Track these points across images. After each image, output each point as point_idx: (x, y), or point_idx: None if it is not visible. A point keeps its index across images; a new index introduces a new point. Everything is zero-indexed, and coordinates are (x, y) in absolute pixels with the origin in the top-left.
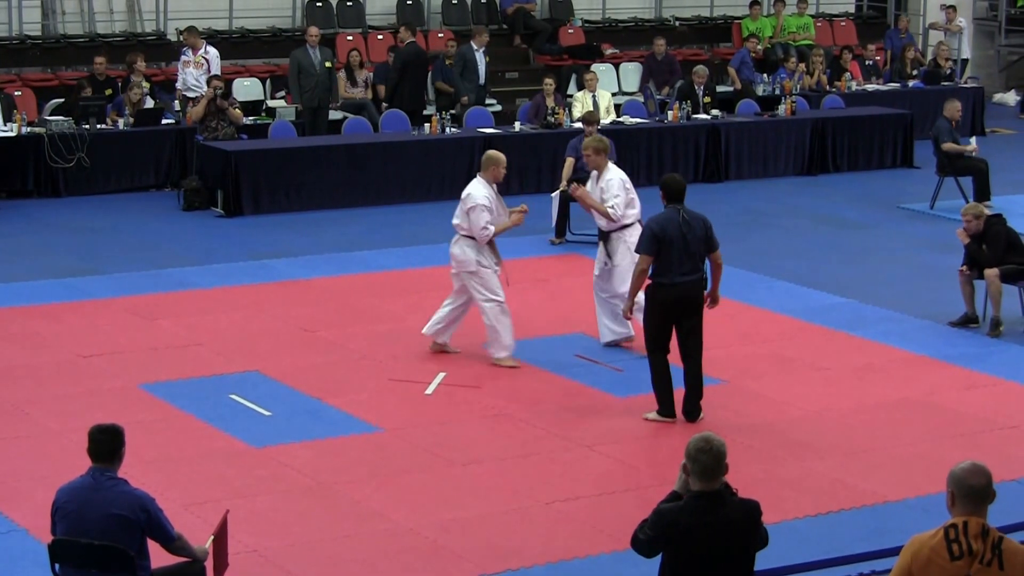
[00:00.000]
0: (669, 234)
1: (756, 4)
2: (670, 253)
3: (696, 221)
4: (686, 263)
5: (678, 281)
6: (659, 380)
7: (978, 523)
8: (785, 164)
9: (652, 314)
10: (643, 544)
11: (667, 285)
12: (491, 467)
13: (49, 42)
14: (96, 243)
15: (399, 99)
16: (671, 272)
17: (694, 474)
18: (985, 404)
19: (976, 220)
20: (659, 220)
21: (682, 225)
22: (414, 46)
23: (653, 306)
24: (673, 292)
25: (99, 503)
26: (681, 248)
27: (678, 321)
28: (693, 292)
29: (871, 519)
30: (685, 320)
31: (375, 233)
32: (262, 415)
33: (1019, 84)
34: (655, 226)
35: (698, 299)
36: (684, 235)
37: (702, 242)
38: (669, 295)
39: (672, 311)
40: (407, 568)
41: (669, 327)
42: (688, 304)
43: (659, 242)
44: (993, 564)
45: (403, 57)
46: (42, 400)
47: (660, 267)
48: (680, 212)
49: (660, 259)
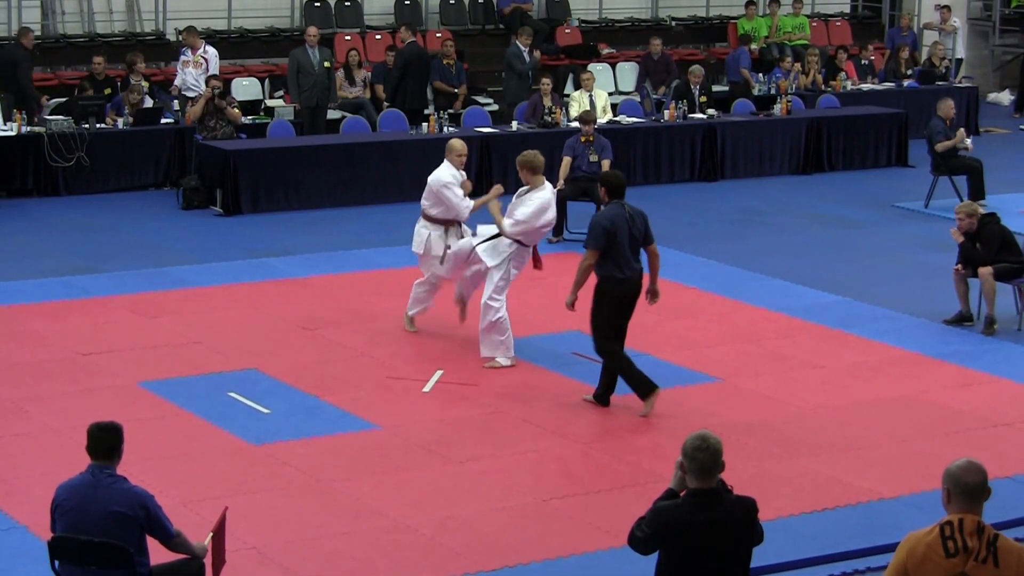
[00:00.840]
0: (619, 229)
1: (752, 4)
2: (620, 248)
3: (638, 215)
4: (633, 257)
5: (629, 275)
6: (626, 369)
7: (973, 520)
8: (781, 163)
9: (604, 308)
10: (640, 541)
11: (619, 279)
12: (488, 464)
13: (49, 42)
14: (96, 242)
15: (401, 98)
16: (622, 267)
17: (691, 472)
18: (979, 402)
19: (970, 218)
20: (608, 216)
21: (628, 220)
22: (415, 46)
23: (606, 300)
24: (625, 286)
25: (99, 500)
26: (627, 242)
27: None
28: (639, 287)
29: (866, 516)
30: (628, 311)
31: (373, 232)
32: (261, 413)
33: (1013, 84)
34: (606, 222)
35: (638, 292)
36: (630, 229)
37: (642, 236)
38: (622, 289)
39: (624, 304)
40: (404, 565)
41: (620, 317)
42: (634, 297)
43: (610, 237)
44: (988, 561)
45: (405, 57)
46: (42, 398)
47: (611, 262)
48: (624, 207)
49: (610, 254)
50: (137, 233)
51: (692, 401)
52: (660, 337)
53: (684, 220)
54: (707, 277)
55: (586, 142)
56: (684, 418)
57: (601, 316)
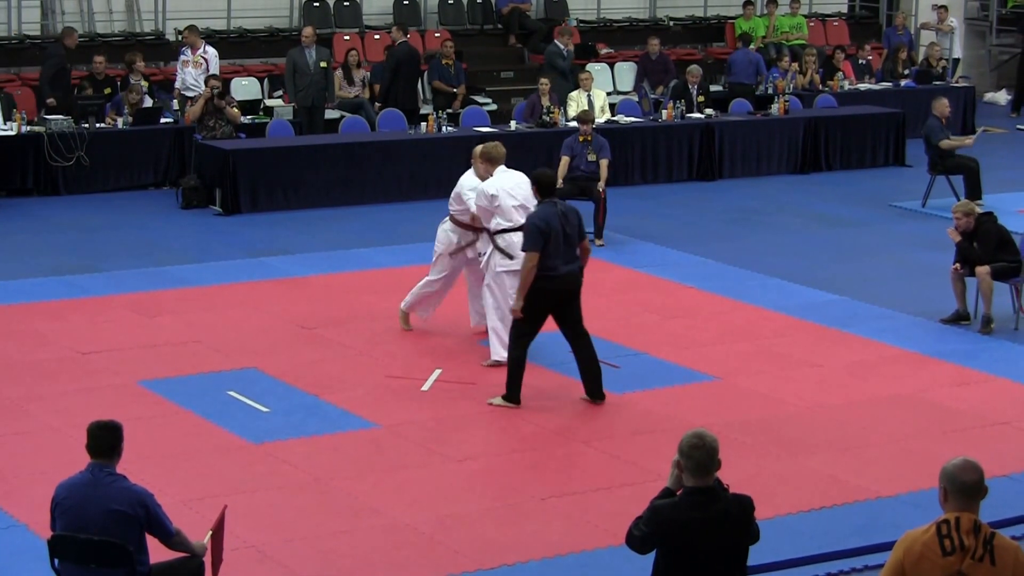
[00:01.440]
0: (552, 227)
1: (749, 4)
2: (553, 246)
3: (572, 212)
4: (567, 253)
5: (563, 272)
6: (516, 367)
7: (970, 519)
8: (778, 163)
9: (532, 304)
10: (637, 540)
11: (553, 276)
12: (487, 463)
13: (48, 42)
14: (95, 241)
15: (393, 98)
16: (556, 264)
17: (687, 470)
18: (977, 400)
19: (967, 218)
20: (542, 216)
21: (560, 217)
22: (406, 45)
23: (536, 296)
24: (558, 283)
25: (98, 499)
26: (562, 240)
27: (558, 310)
28: (575, 282)
29: (863, 514)
30: (565, 308)
31: (372, 231)
32: (260, 411)
33: (1010, 84)
34: (539, 222)
35: (578, 288)
36: (563, 226)
37: (576, 232)
38: (554, 286)
39: (554, 301)
40: (403, 563)
41: (544, 317)
42: (569, 294)
43: (546, 237)
44: (985, 560)
45: (396, 57)
46: (42, 397)
47: (546, 259)
48: (557, 205)
49: (545, 252)
50: (137, 232)
51: (690, 400)
52: (658, 336)
53: (682, 219)
54: (705, 276)
55: (584, 141)
56: (682, 417)
57: (529, 308)
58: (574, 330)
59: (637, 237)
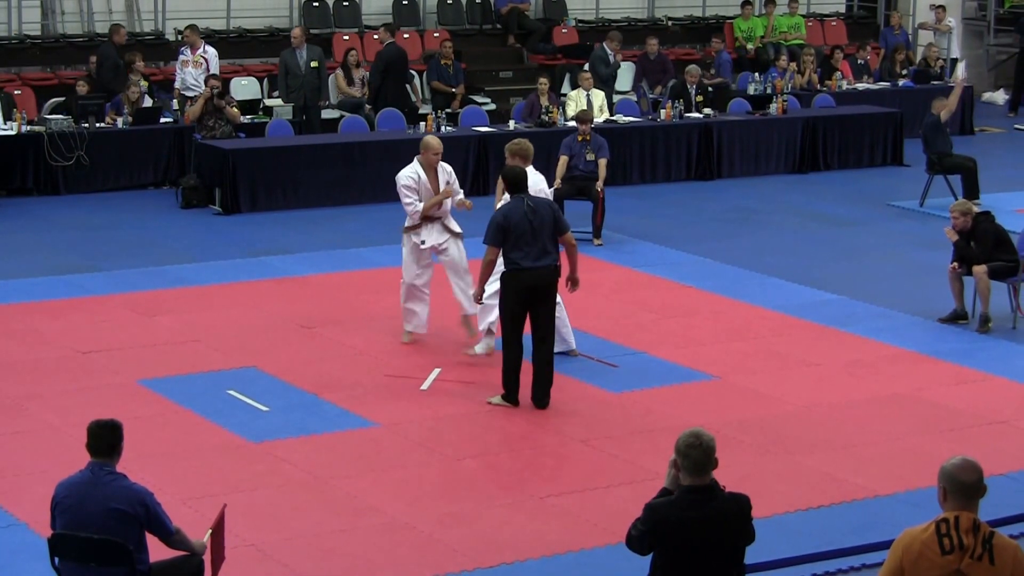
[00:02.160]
0: (514, 223)
1: (748, 4)
2: (518, 241)
3: (542, 207)
4: (536, 250)
5: (529, 267)
6: (510, 367)
7: (969, 518)
8: (776, 162)
9: (506, 301)
10: (635, 540)
11: (518, 271)
12: (486, 461)
13: (48, 42)
14: (95, 240)
15: (383, 100)
16: (522, 259)
17: (684, 469)
18: (974, 399)
19: (964, 217)
20: (503, 210)
21: (527, 213)
22: (394, 46)
23: (507, 293)
24: (525, 279)
25: (98, 498)
26: (529, 235)
27: (532, 307)
28: (545, 279)
29: (861, 513)
30: (538, 305)
31: (371, 230)
32: (259, 410)
33: (1008, 83)
34: (499, 217)
35: (549, 285)
36: (530, 222)
37: (550, 227)
38: (522, 282)
39: (525, 297)
40: (402, 561)
41: (523, 314)
42: (540, 290)
43: (504, 232)
44: (984, 559)
45: (385, 58)
46: (42, 396)
47: (511, 255)
48: (524, 200)
49: (510, 248)
50: (136, 232)
51: (688, 399)
52: (656, 335)
53: (680, 219)
54: (703, 275)
55: (583, 141)
56: (680, 416)
57: (504, 309)
58: (539, 333)
59: (635, 236)
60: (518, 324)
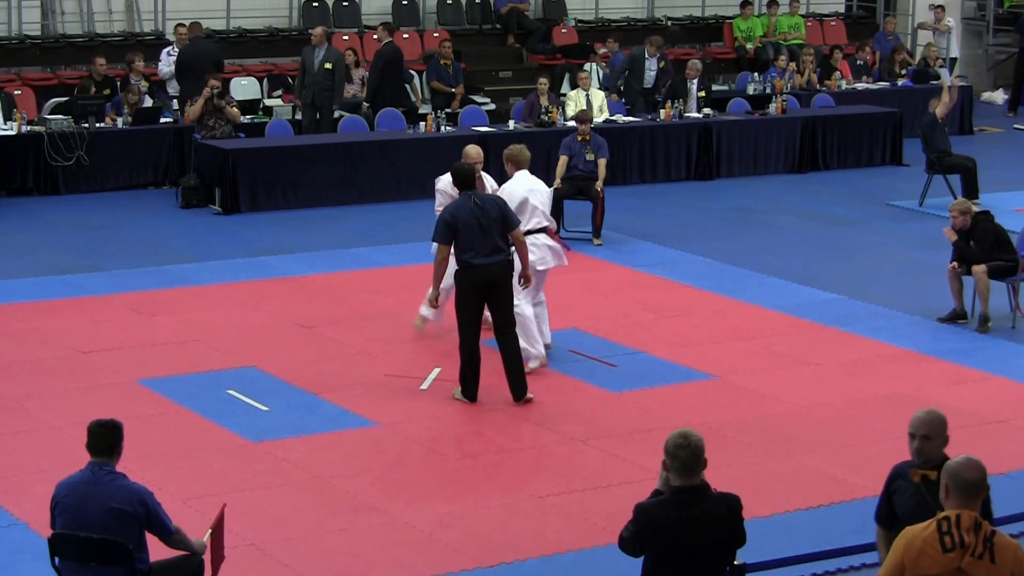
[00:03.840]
0: (462, 220)
1: (748, 4)
2: (467, 238)
3: (489, 204)
4: (486, 246)
5: (479, 263)
6: (468, 364)
7: (971, 516)
8: (776, 162)
9: (460, 297)
10: (627, 541)
11: (469, 268)
12: (485, 461)
13: (48, 42)
14: (95, 240)
15: (381, 99)
16: (472, 256)
17: (673, 470)
18: (973, 399)
19: (963, 216)
20: (450, 208)
21: (475, 210)
22: (392, 46)
23: (460, 290)
24: (476, 274)
25: (98, 497)
26: (477, 232)
27: (488, 301)
28: (497, 274)
29: (861, 512)
30: (492, 300)
31: (371, 230)
32: (259, 410)
33: (1007, 83)
34: (446, 215)
35: (503, 280)
36: (478, 219)
37: (498, 223)
38: (473, 278)
39: (478, 293)
40: (402, 561)
41: (477, 309)
42: (492, 285)
43: (452, 229)
44: (984, 557)
45: (385, 57)
46: (42, 395)
47: (462, 252)
48: (472, 198)
49: (460, 245)
50: (136, 232)
51: (688, 399)
52: (656, 335)
53: (680, 219)
54: (703, 275)
55: (583, 141)
56: (680, 416)
57: (458, 305)
58: (499, 325)
59: (635, 236)
60: (473, 321)
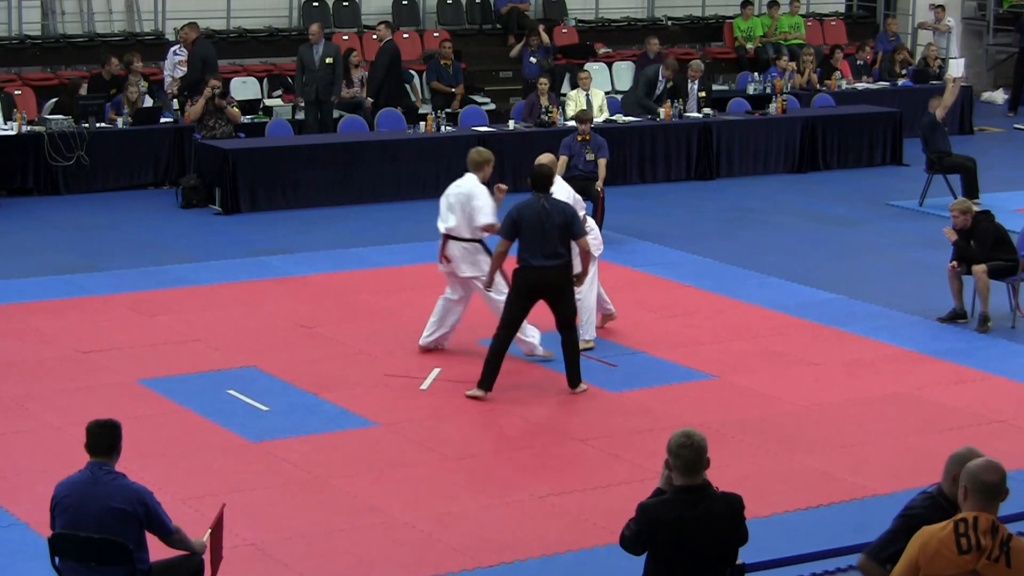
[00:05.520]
0: (526, 219)
1: (748, 4)
2: (528, 238)
3: (556, 211)
4: (545, 248)
5: (536, 265)
6: (494, 356)
7: (988, 519)
8: (776, 162)
9: (513, 294)
10: (629, 540)
11: (527, 269)
12: (485, 461)
13: (49, 42)
14: (95, 240)
15: (385, 96)
16: (530, 256)
17: (676, 469)
18: (973, 398)
19: (964, 216)
20: (518, 207)
21: (540, 212)
22: (392, 43)
23: (515, 287)
24: (533, 276)
25: (98, 497)
26: (539, 234)
27: (547, 301)
28: (553, 277)
29: (861, 512)
30: (550, 300)
31: (371, 230)
32: (259, 410)
33: (1007, 83)
34: (514, 212)
35: (560, 283)
36: (542, 222)
37: (561, 230)
38: (529, 278)
39: (531, 293)
40: (402, 561)
41: (526, 309)
42: (548, 288)
43: (517, 226)
44: (1000, 561)
45: (389, 55)
46: (42, 395)
47: (521, 251)
48: (541, 200)
49: (521, 243)
50: (136, 232)
51: (688, 398)
52: (656, 335)
53: (680, 218)
54: (703, 275)
55: (583, 141)
56: (680, 415)
57: (509, 300)
58: (560, 322)
59: (635, 236)
60: (517, 318)
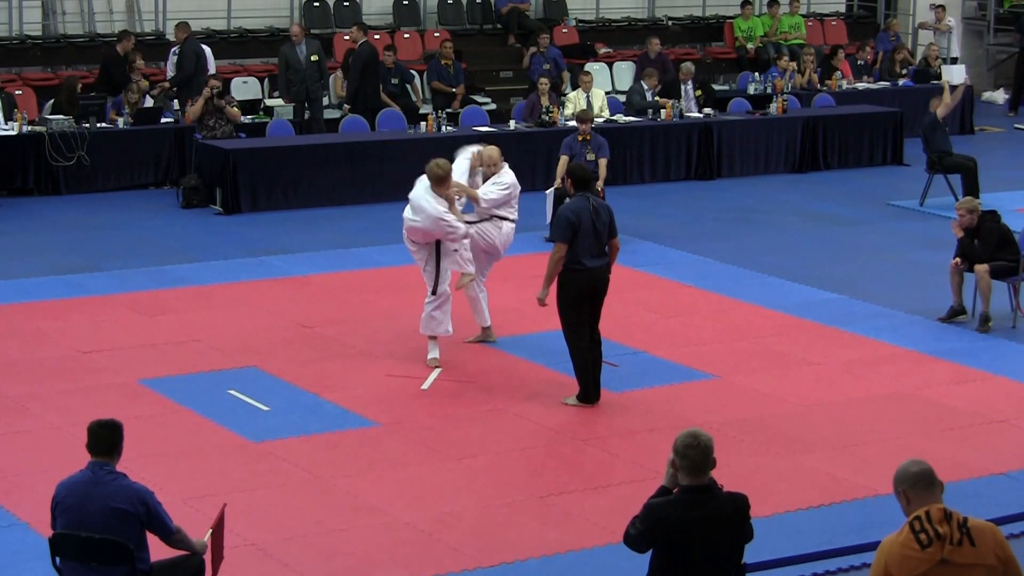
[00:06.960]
0: (582, 221)
1: (748, 4)
2: (582, 239)
3: (603, 209)
4: (595, 248)
5: (590, 266)
6: (581, 365)
7: (939, 509)
8: (776, 162)
9: (566, 298)
10: (634, 539)
11: (580, 270)
12: (486, 461)
13: (49, 42)
14: (96, 240)
15: (362, 99)
16: (583, 257)
17: (683, 469)
18: (974, 398)
19: (970, 214)
20: (573, 208)
21: (592, 212)
22: (368, 45)
23: (567, 291)
24: (586, 276)
25: (99, 497)
26: (591, 234)
27: (590, 305)
28: (603, 276)
29: (861, 512)
30: (590, 304)
31: (372, 230)
32: (260, 410)
33: (1007, 83)
34: (570, 214)
35: (606, 283)
36: (593, 222)
37: (608, 230)
38: (583, 280)
39: (585, 295)
40: (403, 561)
41: (584, 310)
42: (598, 288)
43: (575, 229)
44: (964, 543)
45: (363, 58)
46: (43, 395)
47: (573, 253)
48: (589, 200)
49: (573, 245)
50: (137, 232)
51: (689, 398)
52: (657, 335)
53: (680, 218)
54: (703, 275)
55: (583, 141)
56: (681, 415)
57: (562, 306)
58: (591, 335)
59: (636, 236)
60: (580, 322)
